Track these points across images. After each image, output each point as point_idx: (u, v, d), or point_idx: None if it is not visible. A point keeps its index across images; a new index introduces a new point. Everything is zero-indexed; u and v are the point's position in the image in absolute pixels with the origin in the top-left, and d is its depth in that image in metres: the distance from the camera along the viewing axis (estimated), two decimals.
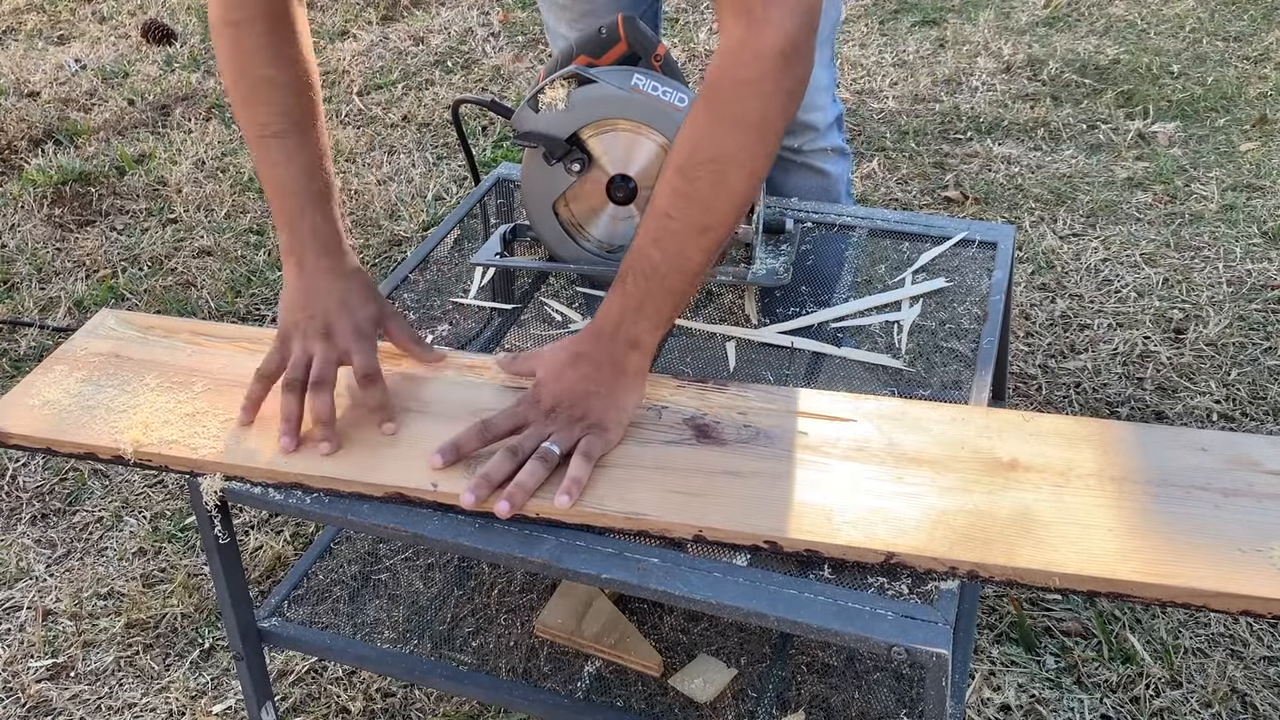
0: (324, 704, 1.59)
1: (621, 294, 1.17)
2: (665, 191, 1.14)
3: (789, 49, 1.07)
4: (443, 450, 1.16)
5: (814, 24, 1.09)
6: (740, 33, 1.08)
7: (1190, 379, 2.08)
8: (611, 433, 1.17)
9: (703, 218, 1.13)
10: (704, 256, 1.15)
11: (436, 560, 1.62)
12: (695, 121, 1.13)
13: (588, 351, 1.19)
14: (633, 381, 1.19)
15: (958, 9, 3.65)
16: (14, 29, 3.96)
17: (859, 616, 1.03)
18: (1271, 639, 1.61)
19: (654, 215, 1.15)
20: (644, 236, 1.16)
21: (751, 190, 1.15)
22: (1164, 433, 1.23)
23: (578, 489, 1.11)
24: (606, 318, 1.19)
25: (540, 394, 1.19)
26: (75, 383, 1.32)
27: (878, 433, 1.19)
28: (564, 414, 1.16)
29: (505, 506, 1.10)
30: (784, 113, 1.11)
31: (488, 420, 1.18)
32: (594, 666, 1.43)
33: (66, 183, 2.93)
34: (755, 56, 1.08)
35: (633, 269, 1.17)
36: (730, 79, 1.10)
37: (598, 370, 1.18)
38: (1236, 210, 2.55)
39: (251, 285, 2.53)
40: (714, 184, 1.12)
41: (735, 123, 1.10)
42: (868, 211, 1.65)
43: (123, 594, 1.79)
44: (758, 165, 1.13)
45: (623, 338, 1.18)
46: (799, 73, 1.10)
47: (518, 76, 3.42)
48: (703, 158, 1.12)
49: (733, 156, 1.11)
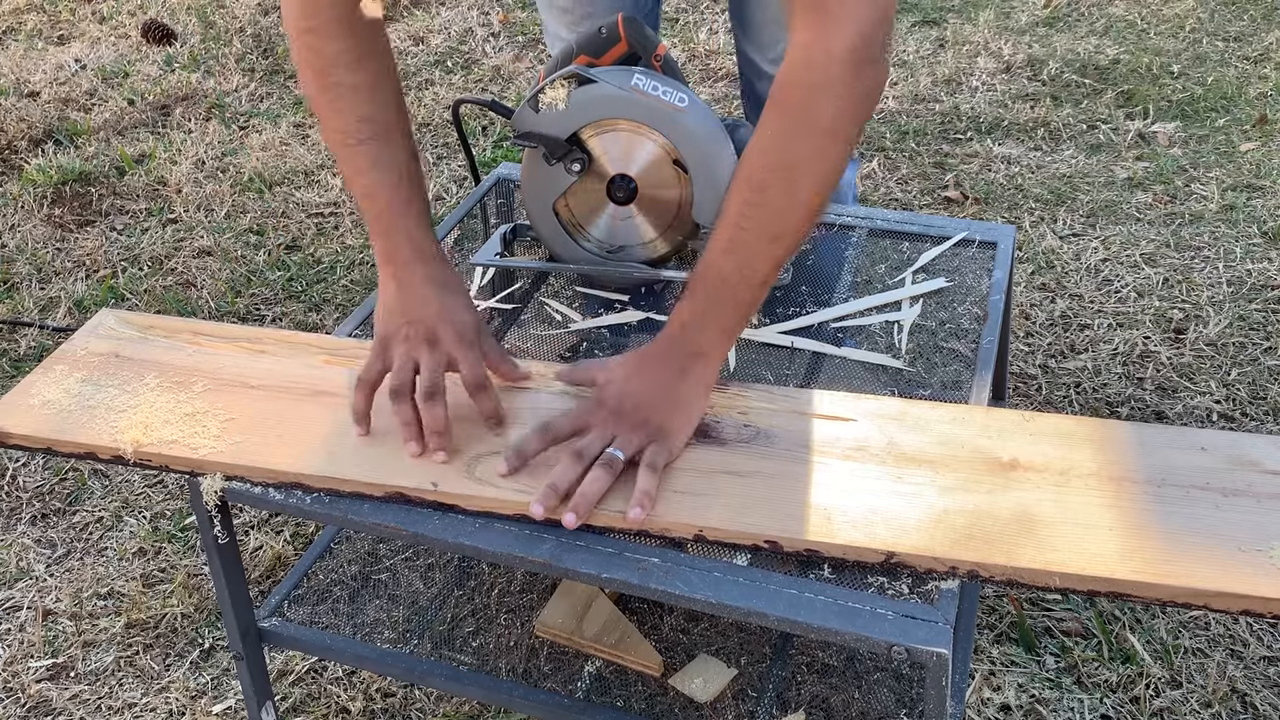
0: (324, 704, 1.59)
1: (690, 303, 1.16)
2: (736, 201, 1.11)
3: (862, 49, 1.03)
4: (507, 457, 1.14)
5: (888, 22, 1.05)
6: (811, 32, 1.04)
7: (1190, 379, 2.08)
8: (674, 440, 1.15)
9: (774, 227, 1.10)
10: (772, 266, 1.13)
11: (436, 560, 1.62)
12: (765, 128, 1.09)
13: (654, 356, 1.18)
14: (696, 391, 1.18)
15: (958, 9, 3.65)
16: (14, 29, 3.96)
17: (859, 616, 1.03)
18: (1271, 639, 1.61)
19: (725, 225, 1.12)
20: (714, 247, 1.13)
21: (823, 198, 1.11)
22: (1164, 432, 1.23)
23: (649, 501, 1.09)
24: (673, 325, 1.17)
25: (605, 394, 1.17)
26: (75, 382, 1.32)
27: (878, 432, 1.19)
28: (628, 418, 1.15)
29: (572, 518, 1.09)
30: (857, 117, 1.08)
31: (548, 422, 1.17)
32: (594, 666, 1.43)
33: (66, 183, 2.93)
34: (826, 57, 1.04)
35: (702, 279, 1.15)
36: (800, 82, 1.06)
37: (662, 374, 1.17)
38: (1236, 210, 2.55)
39: (251, 285, 2.53)
40: (786, 193, 1.09)
41: (807, 128, 1.07)
42: (868, 211, 1.65)
43: (123, 594, 1.79)
44: (828, 172, 1.09)
45: (689, 346, 1.16)
46: (872, 77, 1.06)
47: (518, 76, 3.42)
48: (773, 165, 1.09)
49: (804, 163, 1.08)
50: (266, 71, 3.55)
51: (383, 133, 1.25)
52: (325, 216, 2.78)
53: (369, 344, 1.38)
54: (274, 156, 3.04)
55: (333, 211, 2.79)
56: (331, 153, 1.29)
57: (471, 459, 1.18)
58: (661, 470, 1.13)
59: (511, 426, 1.22)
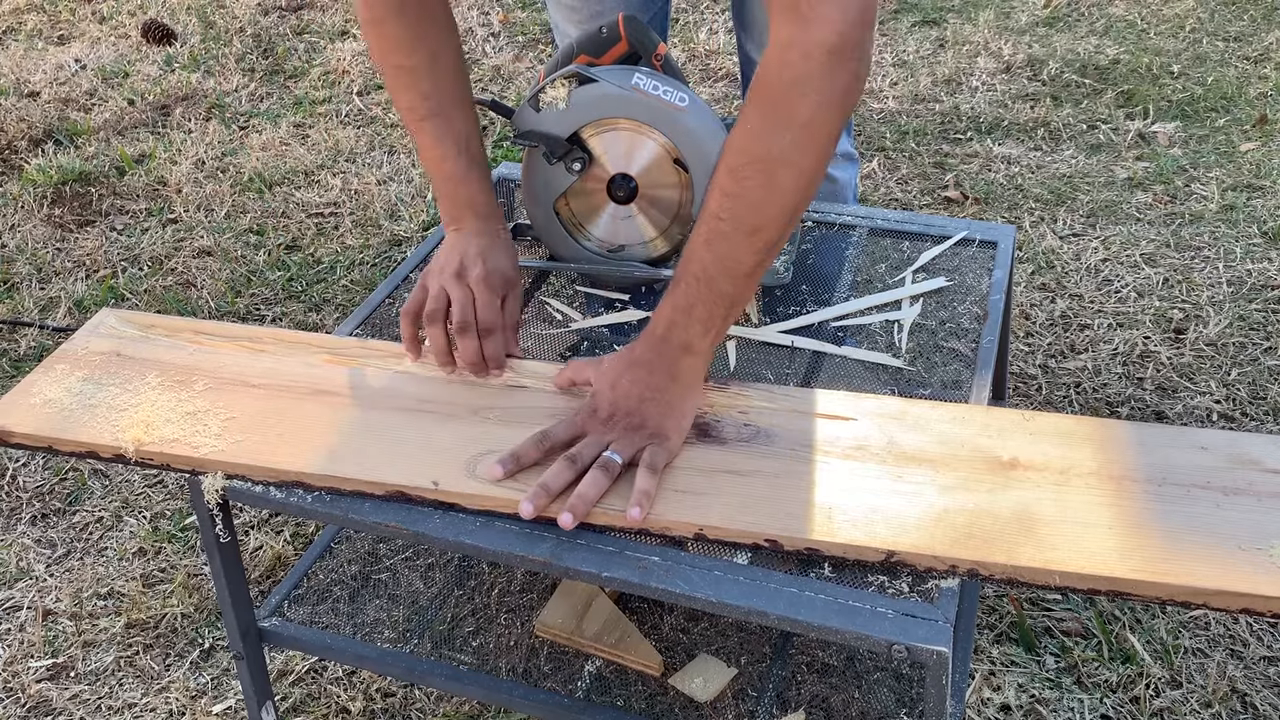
0: (324, 704, 1.59)
1: (673, 299, 1.16)
2: (715, 193, 1.12)
3: (839, 46, 1.04)
4: (502, 461, 1.15)
5: (868, 20, 1.06)
6: (789, 30, 1.05)
7: (1190, 379, 2.08)
8: (672, 440, 1.16)
9: (752, 219, 1.11)
10: (755, 259, 1.13)
11: (436, 560, 1.62)
12: (744, 122, 1.10)
13: (641, 358, 1.18)
14: (688, 387, 1.18)
15: (958, 9, 3.65)
16: (14, 29, 3.96)
17: (859, 615, 1.03)
18: (1271, 639, 1.61)
19: (705, 218, 1.13)
20: (695, 239, 1.14)
21: (803, 192, 1.12)
22: (1164, 432, 1.23)
23: (648, 501, 1.10)
24: (658, 322, 1.18)
25: (597, 402, 1.18)
26: (76, 381, 1.32)
27: (878, 431, 1.19)
28: (622, 422, 1.15)
29: (569, 518, 1.09)
30: (836, 112, 1.09)
31: (546, 430, 1.17)
32: (594, 666, 1.43)
33: (66, 183, 2.93)
34: (803, 55, 1.05)
35: (685, 272, 1.15)
36: (777, 78, 1.07)
37: (651, 376, 1.17)
38: (1236, 210, 2.55)
39: (251, 285, 2.53)
40: (763, 185, 1.10)
41: (784, 123, 1.08)
42: (868, 211, 1.65)
43: (123, 594, 1.79)
44: (809, 166, 1.10)
45: (675, 342, 1.17)
46: (853, 70, 1.07)
47: (518, 76, 3.42)
48: (751, 158, 1.10)
49: (781, 157, 1.09)
50: (266, 71, 3.55)
51: (440, 110, 1.36)
52: (325, 216, 2.78)
53: (369, 343, 1.38)
54: (274, 156, 3.04)
55: (333, 211, 2.79)
56: (406, 129, 1.42)
57: (472, 458, 1.18)
58: (661, 470, 1.13)
59: (511, 426, 1.22)
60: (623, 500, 1.11)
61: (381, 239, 2.67)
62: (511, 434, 1.20)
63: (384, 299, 1.53)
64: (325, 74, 3.49)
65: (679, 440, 1.17)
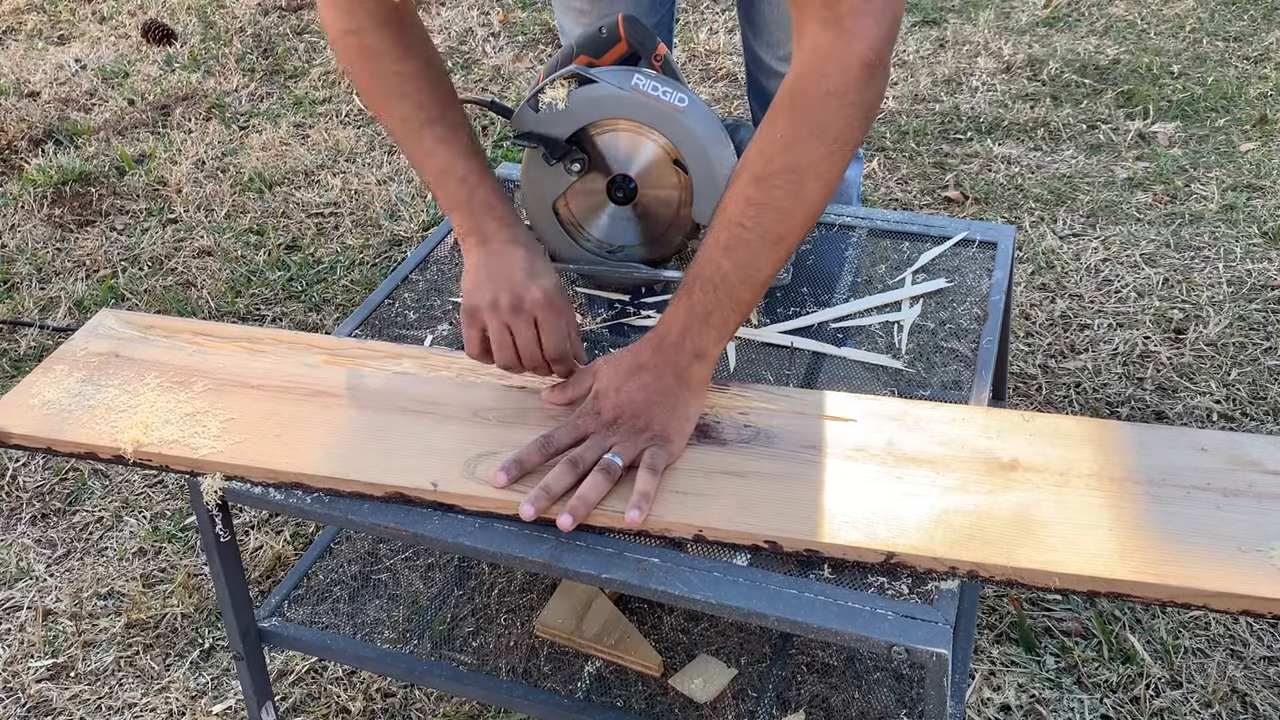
0: (324, 704, 1.59)
1: (688, 303, 1.15)
2: (739, 200, 1.11)
3: (875, 60, 1.04)
4: (506, 468, 1.14)
5: (895, 35, 1.06)
6: (827, 41, 1.04)
7: (1190, 379, 2.08)
8: (675, 444, 1.16)
9: (777, 228, 1.11)
10: (773, 268, 1.13)
11: (436, 560, 1.62)
12: (774, 130, 1.09)
13: (649, 362, 1.17)
14: (695, 392, 1.18)
15: (958, 9, 3.65)
16: (14, 29, 3.96)
17: (859, 616, 1.03)
18: (1271, 639, 1.61)
19: (725, 224, 1.12)
20: (713, 245, 1.13)
21: (825, 202, 1.12)
22: (1164, 433, 1.23)
23: (646, 503, 1.10)
24: (671, 327, 1.17)
25: (601, 405, 1.18)
26: (75, 382, 1.32)
27: (878, 432, 1.19)
28: (626, 425, 1.15)
29: (568, 520, 1.09)
30: (864, 124, 1.09)
31: (549, 434, 1.17)
32: (594, 666, 1.43)
33: (66, 183, 2.93)
34: (842, 67, 1.05)
35: (700, 278, 1.14)
36: (815, 88, 1.06)
37: (660, 380, 1.16)
38: (1236, 210, 2.55)
39: (251, 285, 2.53)
40: (791, 194, 1.09)
41: (818, 133, 1.07)
42: (868, 211, 1.65)
43: (123, 594, 1.79)
44: (834, 177, 1.10)
45: (688, 348, 1.16)
46: (880, 85, 1.07)
47: (518, 76, 3.42)
48: (781, 167, 1.09)
49: (812, 167, 1.08)
50: (266, 71, 3.55)
51: (440, 114, 1.29)
52: (325, 216, 2.78)
53: (369, 344, 1.38)
54: (274, 156, 3.04)
55: (333, 211, 2.79)
56: (396, 142, 1.34)
57: (471, 459, 1.18)
58: (662, 472, 1.13)
59: (511, 427, 1.22)
60: (623, 502, 1.11)
61: (381, 239, 2.67)
62: (511, 435, 1.20)
63: (384, 299, 1.53)
64: (325, 74, 3.49)
65: (682, 443, 1.17)
